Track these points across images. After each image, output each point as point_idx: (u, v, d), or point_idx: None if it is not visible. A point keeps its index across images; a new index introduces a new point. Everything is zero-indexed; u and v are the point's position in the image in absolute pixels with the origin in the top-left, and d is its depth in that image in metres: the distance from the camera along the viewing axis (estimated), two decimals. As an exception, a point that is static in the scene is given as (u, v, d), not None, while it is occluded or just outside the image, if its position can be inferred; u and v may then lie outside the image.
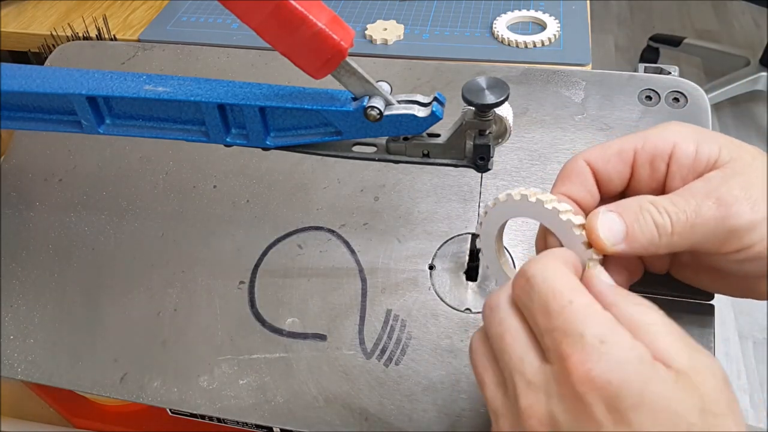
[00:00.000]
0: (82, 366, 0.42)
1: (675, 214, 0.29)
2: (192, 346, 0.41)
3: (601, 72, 0.48)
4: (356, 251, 0.43)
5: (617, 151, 0.32)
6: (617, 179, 0.33)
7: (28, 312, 0.44)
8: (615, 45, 2.11)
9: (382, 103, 0.34)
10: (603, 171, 0.32)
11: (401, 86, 0.50)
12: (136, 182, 0.48)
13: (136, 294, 0.44)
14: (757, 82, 1.73)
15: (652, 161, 0.32)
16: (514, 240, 0.42)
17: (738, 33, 2.11)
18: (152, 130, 0.39)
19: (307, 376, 0.40)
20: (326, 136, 0.37)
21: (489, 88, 0.33)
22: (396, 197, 0.45)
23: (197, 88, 0.37)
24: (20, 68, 0.40)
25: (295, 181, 0.47)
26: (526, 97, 0.48)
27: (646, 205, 0.30)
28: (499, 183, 0.44)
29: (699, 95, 0.46)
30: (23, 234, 0.47)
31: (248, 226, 0.45)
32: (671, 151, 0.31)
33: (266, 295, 0.42)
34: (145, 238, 0.46)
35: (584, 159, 0.33)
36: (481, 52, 0.72)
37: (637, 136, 0.32)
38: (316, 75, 0.33)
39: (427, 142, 0.37)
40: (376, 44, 0.74)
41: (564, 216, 0.30)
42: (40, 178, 0.50)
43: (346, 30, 0.32)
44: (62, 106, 0.39)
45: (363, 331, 0.40)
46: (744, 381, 1.27)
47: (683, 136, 0.32)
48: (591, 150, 0.33)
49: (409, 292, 0.41)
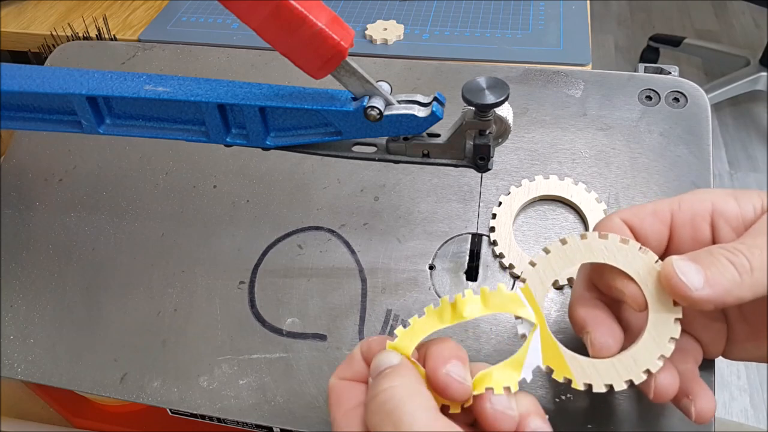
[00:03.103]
0: (82, 366, 0.42)
1: (749, 251, 0.28)
2: (192, 346, 0.41)
3: (601, 72, 0.48)
4: (356, 251, 0.43)
5: (651, 210, 0.32)
6: (655, 239, 0.32)
7: (28, 312, 0.44)
8: (615, 45, 2.11)
9: (382, 103, 0.34)
10: (639, 229, 0.32)
11: (401, 86, 0.50)
12: (136, 182, 0.48)
13: (136, 294, 0.44)
14: (757, 82, 1.73)
15: (693, 221, 0.31)
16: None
17: (738, 33, 2.11)
18: (152, 130, 0.39)
19: (307, 376, 0.40)
20: (326, 136, 0.37)
21: (489, 88, 0.33)
22: (396, 197, 0.45)
23: (197, 88, 0.37)
24: (20, 68, 0.40)
25: (295, 181, 0.47)
26: (526, 97, 0.48)
27: (716, 249, 0.29)
28: (499, 183, 0.44)
29: (699, 95, 0.46)
30: (23, 234, 0.47)
31: (248, 226, 0.45)
32: (711, 209, 0.31)
33: (266, 295, 0.42)
34: (145, 238, 0.46)
35: (621, 218, 0.32)
36: (481, 52, 0.72)
37: (671, 199, 0.32)
38: (316, 75, 0.33)
39: (427, 142, 0.37)
40: (376, 44, 0.74)
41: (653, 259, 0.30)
42: (40, 178, 0.50)
43: (346, 30, 0.32)
44: (62, 106, 0.39)
45: (363, 331, 0.40)
46: (744, 381, 1.27)
47: (719, 195, 0.31)
48: (624, 210, 0.32)
49: (409, 292, 0.41)
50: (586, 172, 0.44)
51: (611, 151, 0.45)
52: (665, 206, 0.32)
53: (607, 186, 0.43)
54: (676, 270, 0.28)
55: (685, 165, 0.43)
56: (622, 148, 0.45)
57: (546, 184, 0.43)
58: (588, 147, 0.45)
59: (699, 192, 0.32)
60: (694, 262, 0.29)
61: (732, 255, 0.28)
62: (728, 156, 1.72)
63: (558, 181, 0.43)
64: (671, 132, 0.45)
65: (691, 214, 0.31)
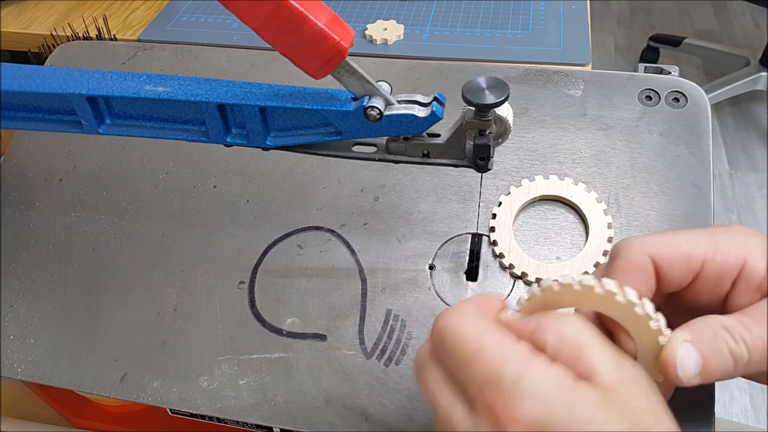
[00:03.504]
0: (82, 366, 0.42)
1: (752, 342, 0.28)
2: (192, 346, 0.41)
3: (601, 72, 0.48)
4: (356, 251, 0.43)
5: (686, 256, 0.30)
6: (677, 284, 0.31)
7: (28, 312, 0.44)
8: (615, 45, 2.11)
9: (382, 103, 0.34)
10: (667, 273, 0.30)
11: (401, 86, 0.50)
12: (136, 182, 0.48)
13: (136, 294, 0.44)
14: (757, 82, 1.73)
15: (720, 278, 0.30)
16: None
17: (738, 33, 2.11)
18: (152, 130, 0.39)
19: (307, 376, 0.40)
20: (326, 136, 0.37)
21: (489, 88, 0.33)
22: (396, 197, 0.45)
23: (197, 88, 0.37)
24: (20, 68, 0.40)
25: (295, 181, 0.47)
26: (526, 97, 0.48)
27: (720, 332, 0.28)
28: (499, 183, 0.44)
29: (699, 95, 0.46)
30: (23, 234, 0.47)
31: (248, 226, 0.45)
32: (741, 267, 0.30)
33: (266, 295, 0.42)
34: (145, 238, 0.46)
35: (650, 255, 0.30)
36: (481, 52, 0.72)
37: (707, 238, 0.31)
38: (316, 75, 0.33)
39: (427, 142, 0.37)
40: (376, 44, 0.74)
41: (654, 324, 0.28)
42: (40, 178, 0.50)
43: (346, 30, 0.32)
44: (62, 106, 0.39)
45: (363, 331, 0.40)
46: (744, 381, 1.27)
47: (754, 251, 0.30)
48: (657, 245, 0.31)
49: (409, 292, 0.41)
50: (586, 172, 0.44)
51: (611, 151, 0.45)
52: (700, 252, 0.30)
53: (607, 186, 0.43)
54: (677, 360, 0.28)
55: (685, 165, 0.43)
56: (622, 148, 0.45)
57: (546, 184, 0.43)
58: (588, 147, 0.45)
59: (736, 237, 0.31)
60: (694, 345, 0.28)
61: (735, 345, 0.28)
62: (728, 156, 1.72)
63: (558, 181, 0.43)
64: (671, 132, 0.45)
65: (721, 270, 0.30)
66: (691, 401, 0.35)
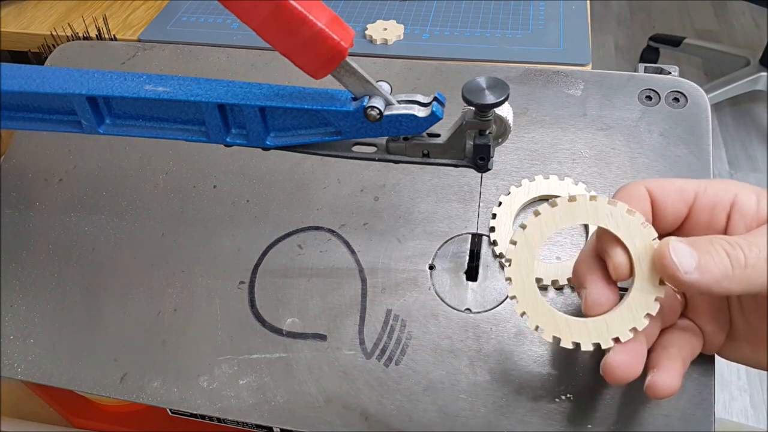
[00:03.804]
0: (82, 366, 0.42)
1: (748, 247, 0.29)
2: (192, 346, 0.41)
3: (601, 72, 0.48)
4: (356, 251, 0.43)
5: (678, 188, 0.32)
6: (672, 216, 0.33)
7: (28, 312, 0.44)
8: (615, 45, 2.11)
9: (382, 103, 0.34)
10: (661, 203, 0.32)
11: (401, 86, 0.50)
12: (136, 182, 0.48)
13: (136, 294, 0.44)
14: (757, 82, 1.73)
15: (713, 208, 0.32)
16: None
17: (738, 33, 2.11)
18: (152, 130, 0.39)
19: (307, 376, 0.40)
20: (326, 136, 0.37)
21: (489, 88, 0.33)
22: (396, 197, 0.45)
23: (197, 88, 0.37)
24: (20, 68, 0.40)
25: (295, 181, 0.47)
26: (526, 97, 0.48)
27: (716, 239, 0.30)
28: (499, 183, 0.44)
29: (699, 95, 0.46)
30: (23, 234, 0.47)
31: (248, 226, 0.45)
32: (733, 200, 0.32)
33: (266, 295, 0.42)
34: (145, 238, 0.46)
35: (645, 186, 0.33)
36: (481, 52, 0.72)
37: (698, 180, 0.33)
38: (316, 75, 0.33)
39: (427, 142, 0.37)
40: (376, 44, 0.74)
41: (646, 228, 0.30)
42: (40, 178, 0.50)
43: (346, 30, 0.32)
44: (62, 106, 0.39)
45: (363, 331, 0.40)
46: (744, 381, 1.27)
47: (744, 189, 0.32)
48: (652, 180, 0.33)
49: (409, 292, 0.41)
50: (586, 172, 0.44)
51: (611, 151, 0.45)
52: (692, 186, 0.33)
53: (607, 186, 0.43)
54: (670, 250, 0.29)
55: (685, 165, 0.43)
56: (622, 148, 0.45)
57: (546, 184, 0.43)
58: (588, 147, 0.45)
59: (727, 182, 0.33)
60: (691, 246, 0.29)
61: (730, 247, 0.29)
62: (728, 156, 1.72)
63: (558, 181, 0.43)
64: (671, 132, 0.45)
65: (714, 201, 0.32)
66: (691, 401, 0.36)
